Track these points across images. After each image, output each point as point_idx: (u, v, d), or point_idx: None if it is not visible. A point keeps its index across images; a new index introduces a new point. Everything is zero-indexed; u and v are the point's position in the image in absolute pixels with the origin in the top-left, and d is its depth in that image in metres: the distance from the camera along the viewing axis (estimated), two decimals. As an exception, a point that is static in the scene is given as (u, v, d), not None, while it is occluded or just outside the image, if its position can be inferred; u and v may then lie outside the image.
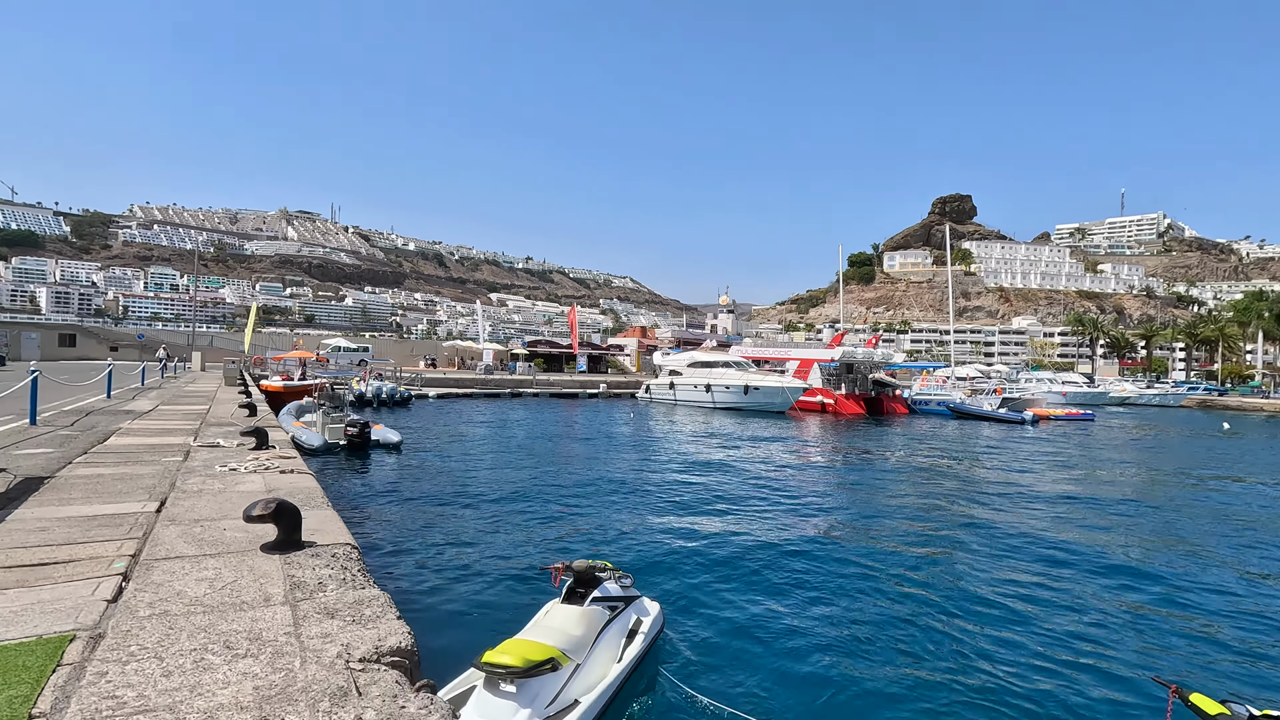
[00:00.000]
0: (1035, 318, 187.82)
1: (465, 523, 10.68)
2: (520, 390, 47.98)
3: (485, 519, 11.01)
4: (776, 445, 24.73)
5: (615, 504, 12.94)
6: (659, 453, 21.36)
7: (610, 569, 5.40)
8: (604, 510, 12.27)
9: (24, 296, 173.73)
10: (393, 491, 13.36)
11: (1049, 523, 12.29)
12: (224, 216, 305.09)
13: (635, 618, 5.41)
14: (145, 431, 10.14)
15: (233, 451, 8.37)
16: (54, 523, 4.65)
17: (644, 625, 5.40)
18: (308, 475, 6.92)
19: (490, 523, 10.78)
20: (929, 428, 34.03)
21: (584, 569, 5.07)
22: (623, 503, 13.09)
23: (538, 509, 12.09)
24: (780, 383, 38.75)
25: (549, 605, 5.09)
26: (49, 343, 48.20)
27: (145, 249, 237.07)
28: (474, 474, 16.00)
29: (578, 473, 16.70)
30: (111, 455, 7.76)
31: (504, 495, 13.25)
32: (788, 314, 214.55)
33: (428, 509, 11.73)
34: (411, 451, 19.70)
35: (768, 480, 16.40)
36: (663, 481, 15.78)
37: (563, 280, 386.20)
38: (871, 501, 14.20)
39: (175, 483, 6.22)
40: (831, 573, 8.75)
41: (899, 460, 21.46)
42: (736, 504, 13.17)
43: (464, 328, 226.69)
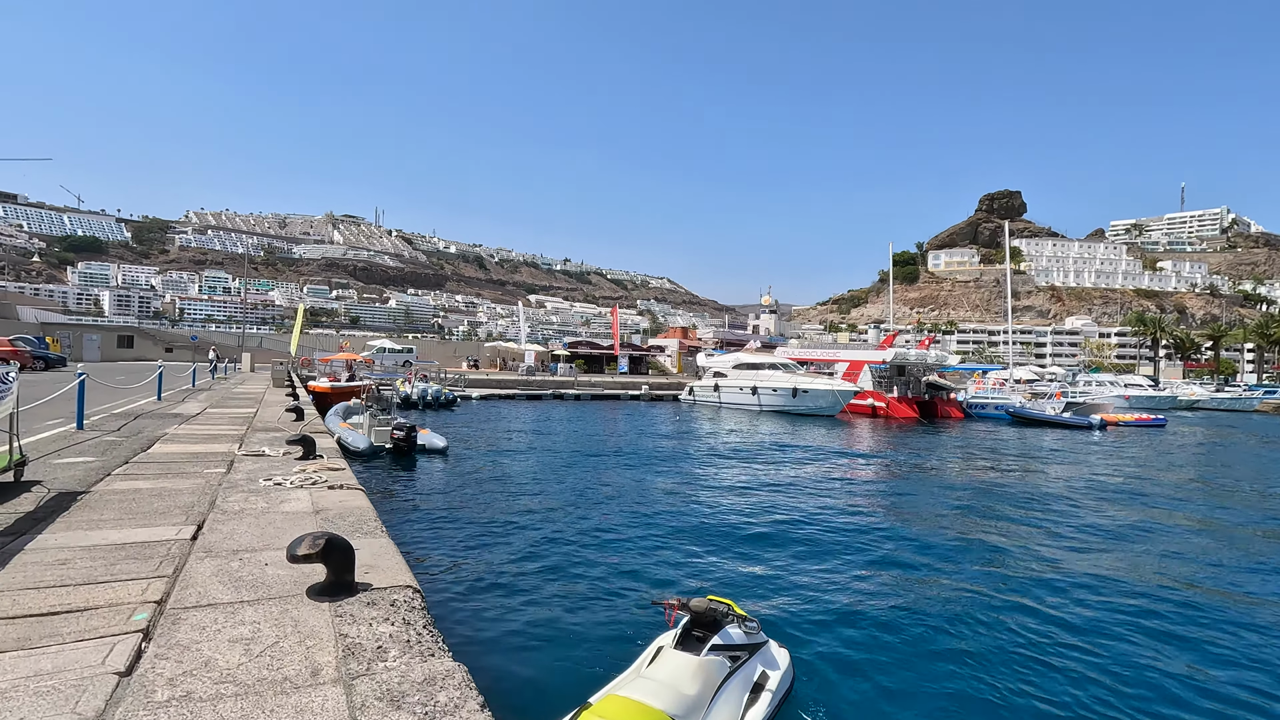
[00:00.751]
0: (1090, 318, 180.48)
1: (522, 541, 9.96)
2: (562, 392, 47.57)
3: (542, 537, 10.28)
4: (833, 452, 23.57)
5: (678, 517, 12.13)
6: (712, 460, 20.47)
7: (733, 609, 4.54)
8: (668, 525, 11.47)
9: (89, 299, 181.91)
10: (442, 502, 12.80)
11: (1160, 558, 11.02)
12: (273, 221, 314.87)
13: (760, 670, 4.56)
14: (190, 438, 9.74)
15: (278, 461, 7.83)
16: (77, 553, 4.07)
17: (771, 680, 4.54)
18: (358, 491, 6.29)
19: (549, 542, 10.05)
20: (988, 433, 32.29)
21: (703, 609, 4.27)
22: (686, 515, 12.27)
23: (595, 524, 11.35)
24: (830, 385, 37.38)
25: (658, 646, 4.33)
26: (108, 344, 49.80)
27: (200, 253, 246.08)
28: (524, 483, 15.38)
29: (632, 482, 15.94)
30: (152, 466, 7.28)
31: (557, 508, 12.56)
32: (828, 314, 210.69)
33: (480, 523, 11.10)
34: (458, 457, 19.24)
35: (835, 494, 15.37)
36: (724, 491, 14.91)
37: (600, 281, 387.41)
38: (951, 521, 13.08)
39: (215, 500, 5.64)
40: (942, 608, 7.77)
41: (966, 472, 20.11)
42: (813, 524, 12.22)
43: (503, 329, 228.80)
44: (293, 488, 6.32)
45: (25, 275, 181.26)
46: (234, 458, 8.00)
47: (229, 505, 5.48)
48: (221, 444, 9.19)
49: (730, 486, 15.70)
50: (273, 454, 8.29)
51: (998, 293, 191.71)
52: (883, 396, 39.60)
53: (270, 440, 9.66)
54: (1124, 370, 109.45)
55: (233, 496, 5.81)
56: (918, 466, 20.57)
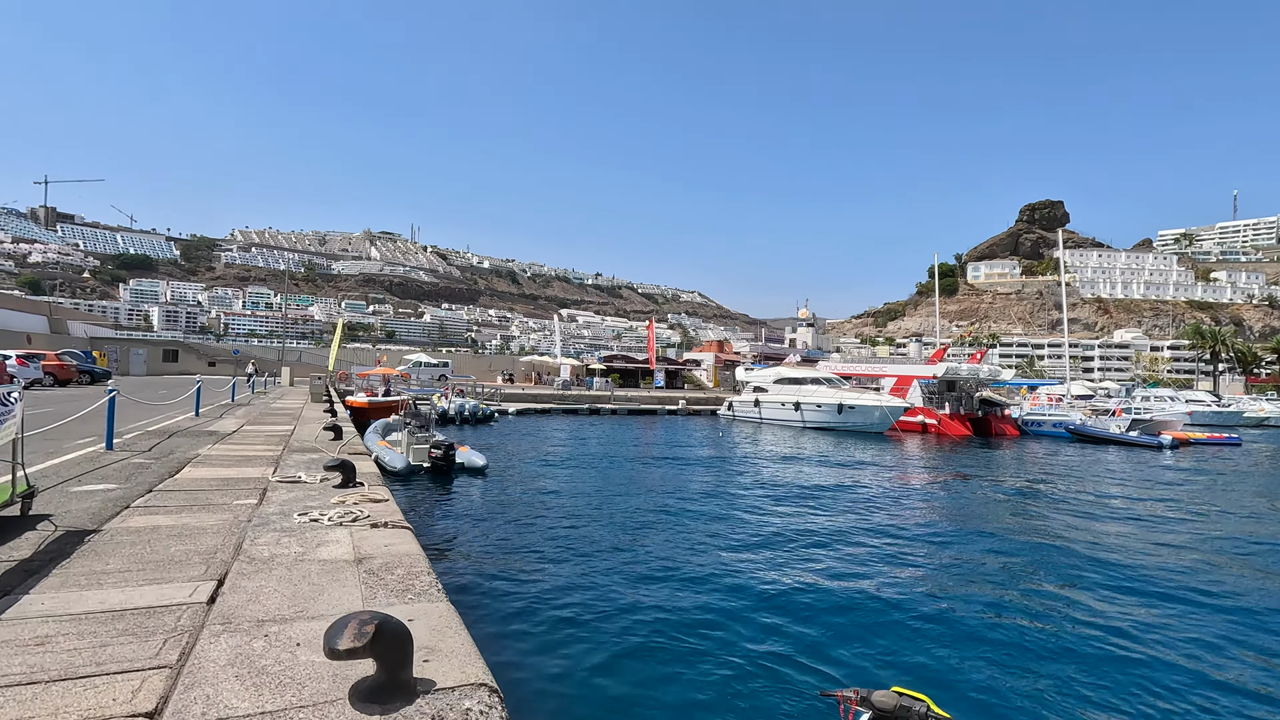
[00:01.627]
0: (1140, 330, 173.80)
1: (597, 591, 8.72)
2: (598, 407, 46.74)
3: (621, 584, 9.11)
4: (887, 473, 22.16)
5: (740, 547, 11.05)
6: (764, 483, 19.29)
7: (931, 708, 3.43)
8: (735, 560, 10.40)
9: (139, 315, 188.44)
10: (488, 534, 11.91)
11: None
12: (314, 238, 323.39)
13: None
14: (223, 460, 9.02)
15: (315, 489, 7.01)
16: (64, 625, 3.21)
17: None
18: (405, 531, 5.40)
19: (627, 589, 8.98)
20: (1048, 452, 30.37)
21: (893, 707, 3.24)
22: (748, 546, 11.19)
23: (658, 560, 10.32)
24: (878, 401, 35.78)
25: None
26: (154, 358, 50.69)
27: (244, 270, 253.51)
28: (569, 507, 14.44)
29: (685, 509, 14.88)
30: (178, 495, 6.51)
31: (611, 539, 11.58)
32: (864, 328, 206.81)
33: (531, 555, 10.17)
34: (498, 476, 18.42)
35: (898, 521, 14.09)
36: (787, 519, 13.76)
37: (631, 295, 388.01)
38: (1032, 557, 11.71)
39: (242, 543, 4.79)
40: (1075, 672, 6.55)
41: (1044, 495, 18.54)
42: (888, 561, 11.01)
43: (536, 343, 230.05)
44: (331, 525, 5.46)
45: (80, 292, 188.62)
46: (267, 484, 7.21)
47: (257, 550, 4.62)
48: (255, 467, 8.44)
49: (809, 530, 14.53)
50: (309, 480, 7.48)
51: (1040, 305, 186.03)
52: (933, 413, 37.79)
53: (307, 463, 8.90)
54: (1182, 385, 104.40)
55: (262, 538, 4.96)
56: (1005, 497, 19.05)
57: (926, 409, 37.84)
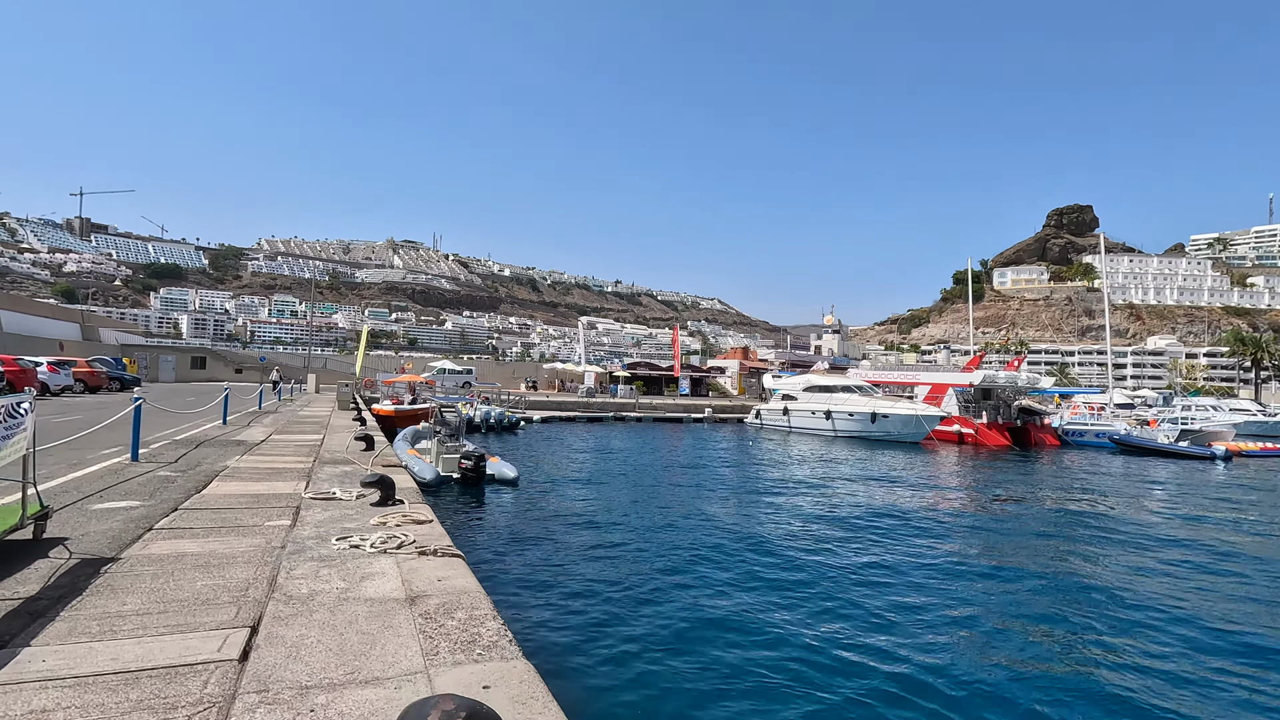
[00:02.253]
0: (1174, 337, 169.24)
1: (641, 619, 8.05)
2: (623, 414, 46.10)
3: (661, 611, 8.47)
4: (930, 489, 21.20)
5: (793, 569, 10.31)
6: (802, 498, 18.47)
7: None
8: (795, 582, 9.66)
9: (169, 323, 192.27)
10: (525, 549, 11.28)
11: None
12: (338, 247, 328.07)
13: None
14: (252, 473, 8.51)
15: (352, 508, 6.43)
16: (68, 690, 2.61)
17: None
18: (457, 561, 4.78)
19: (673, 614, 8.31)
20: (1093, 464, 29.04)
21: None
22: (801, 567, 10.44)
23: (712, 583, 9.61)
24: (914, 410, 34.67)
25: None
26: (182, 365, 51.14)
27: (270, 279, 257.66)
28: (608, 525, 13.76)
29: (722, 521, 14.15)
30: (205, 514, 5.96)
31: (658, 564, 10.89)
32: (887, 334, 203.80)
33: (579, 582, 9.49)
34: (529, 488, 17.83)
35: (957, 550, 13.21)
36: (837, 549, 12.97)
37: (651, 303, 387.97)
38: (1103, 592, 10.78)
39: (276, 576, 4.19)
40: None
41: (1103, 516, 17.46)
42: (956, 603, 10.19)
43: (556, 350, 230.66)
44: (374, 552, 4.85)
45: (113, 300, 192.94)
46: (300, 501, 6.65)
47: (294, 585, 4.01)
48: (286, 481, 7.90)
49: (861, 564, 13.72)
50: (345, 497, 6.91)
51: (1070, 311, 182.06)
52: (970, 422, 36.52)
53: (340, 477, 8.34)
54: (1222, 394, 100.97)
55: (299, 568, 4.36)
56: (1062, 520, 18.01)
57: (963, 418, 36.58)
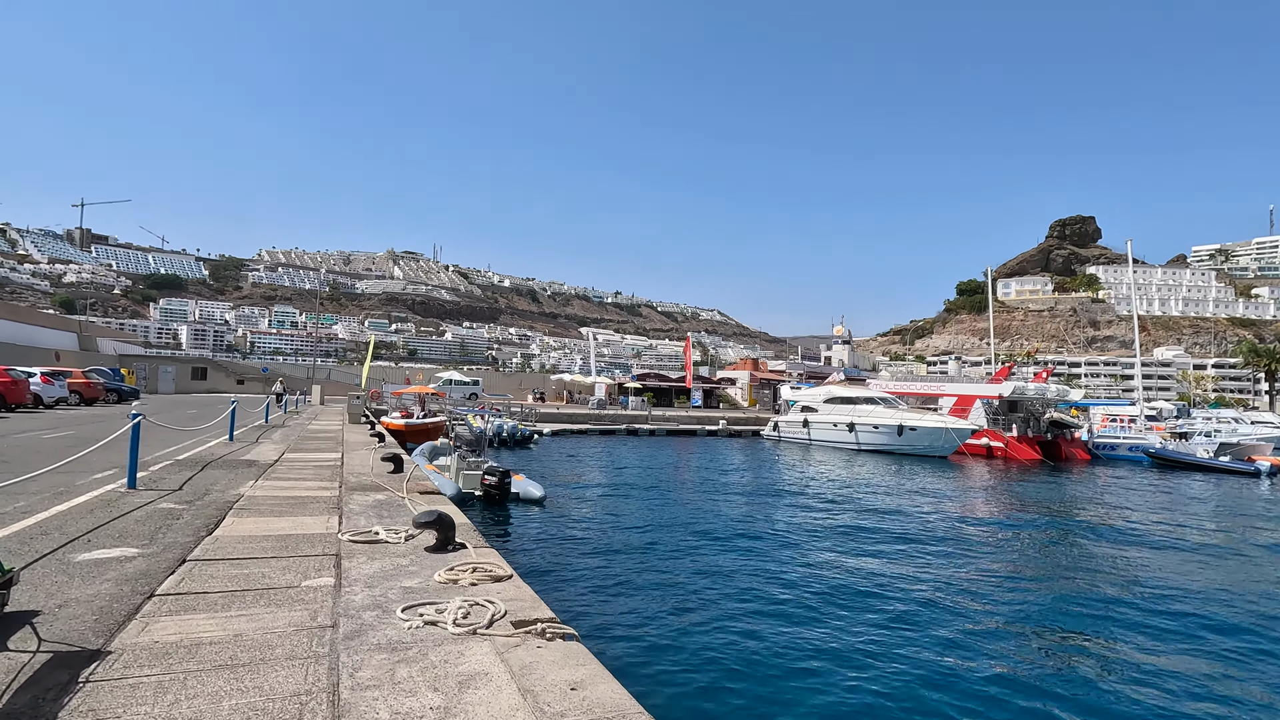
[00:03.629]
0: (1180, 348, 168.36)
1: (734, 661, 6.87)
2: (636, 427, 44.73)
3: (753, 652, 7.21)
4: (975, 505, 19.84)
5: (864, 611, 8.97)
6: (839, 516, 17.10)
7: None
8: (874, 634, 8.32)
9: (169, 334, 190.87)
10: (567, 582, 9.94)
11: None
12: (338, 258, 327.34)
13: None
14: (272, 504, 7.17)
15: (404, 554, 5.11)
16: None
17: None
18: (576, 645, 3.46)
19: (768, 655, 7.01)
20: (1129, 480, 27.72)
21: None
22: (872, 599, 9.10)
23: (775, 620, 8.28)
24: (943, 422, 33.32)
25: None
26: (183, 376, 49.76)
27: (270, 289, 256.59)
28: (645, 550, 12.42)
29: (777, 549, 12.80)
30: (222, 570, 4.63)
31: (714, 598, 9.55)
32: (890, 345, 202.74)
33: (654, 626, 8.17)
34: (556, 508, 16.47)
35: (1008, 579, 11.87)
36: (893, 574, 11.63)
37: (650, 314, 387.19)
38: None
39: (339, 688, 2.86)
40: None
41: (1160, 538, 16.11)
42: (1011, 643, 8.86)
43: (556, 361, 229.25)
44: (460, 631, 3.53)
45: (112, 311, 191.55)
46: (339, 546, 5.33)
47: (368, 706, 2.69)
48: (314, 515, 6.57)
49: (911, 592, 12.37)
50: (391, 538, 5.58)
51: (1075, 322, 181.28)
52: (1000, 435, 35.21)
53: (376, 509, 7.01)
54: (1230, 405, 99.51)
55: (366, 667, 3.04)
56: (1117, 543, 16.64)
57: (993, 431, 35.28)
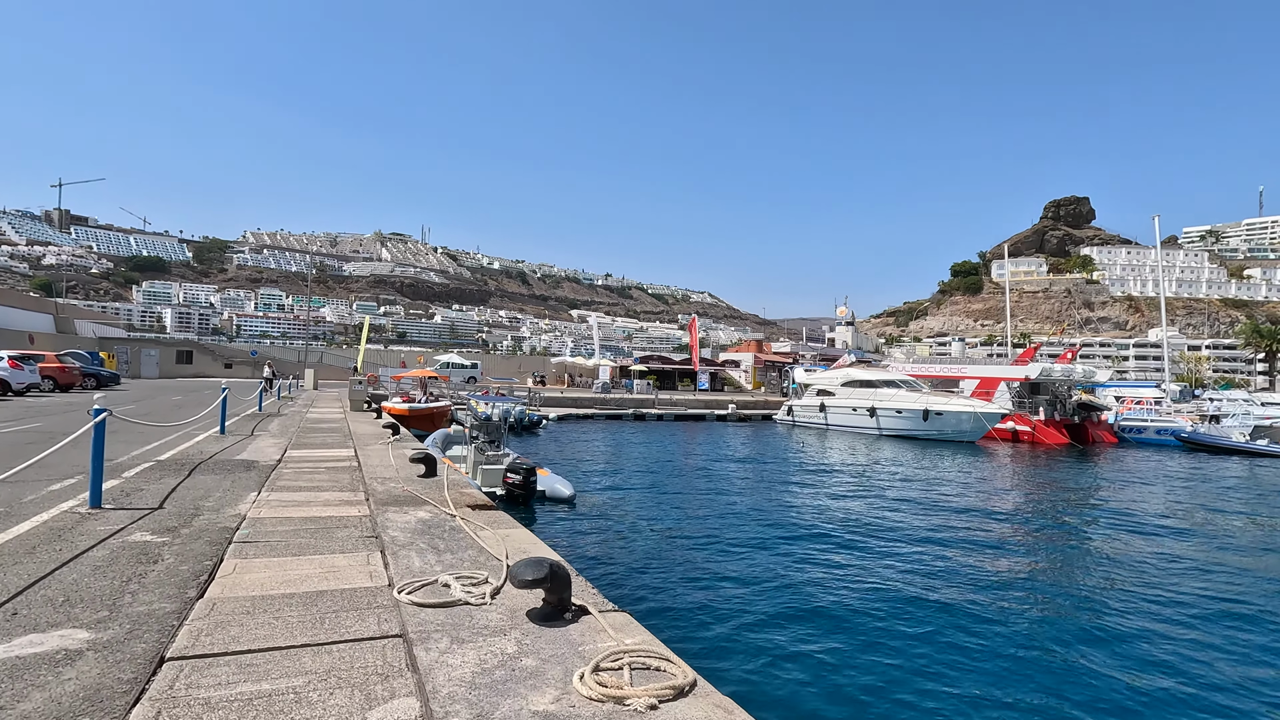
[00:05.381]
0: (1174, 329, 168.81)
1: None
2: (643, 411, 43.06)
3: None
4: (1014, 498, 18.35)
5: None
6: (913, 510, 15.54)
7: None
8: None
9: (152, 317, 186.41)
10: (646, 602, 8.25)
11: None
12: (325, 240, 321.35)
13: None
14: (285, 533, 5.39)
15: (502, 630, 3.38)
16: None
17: None
18: None
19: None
20: (1165, 464, 26.49)
21: None
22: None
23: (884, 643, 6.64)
24: (971, 406, 31.88)
25: None
26: (167, 359, 47.43)
27: (256, 272, 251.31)
28: (688, 549, 10.76)
29: (842, 556, 11.19)
30: (225, 684, 2.86)
31: (773, 603, 7.91)
32: (884, 327, 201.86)
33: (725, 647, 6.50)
34: (588, 507, 14.79)
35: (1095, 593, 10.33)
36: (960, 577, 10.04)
37: (641, 296, 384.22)
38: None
39: None
40: None
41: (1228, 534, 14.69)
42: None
43: (547, 343, 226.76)
44: None
45: (94, 294, 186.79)
46: (400, 615, 3.57)
47: None
48: (347, 550, 4.80)
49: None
50: (472, 597, 3.82)
51: (1069, 303, 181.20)
52: (1026, 419, 33.89)
53: (427, 535, 5.24)
54: (1236, 386, 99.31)
55: None
56: (1182, 538, 15.17)
57: (1020, 414, 33.93)
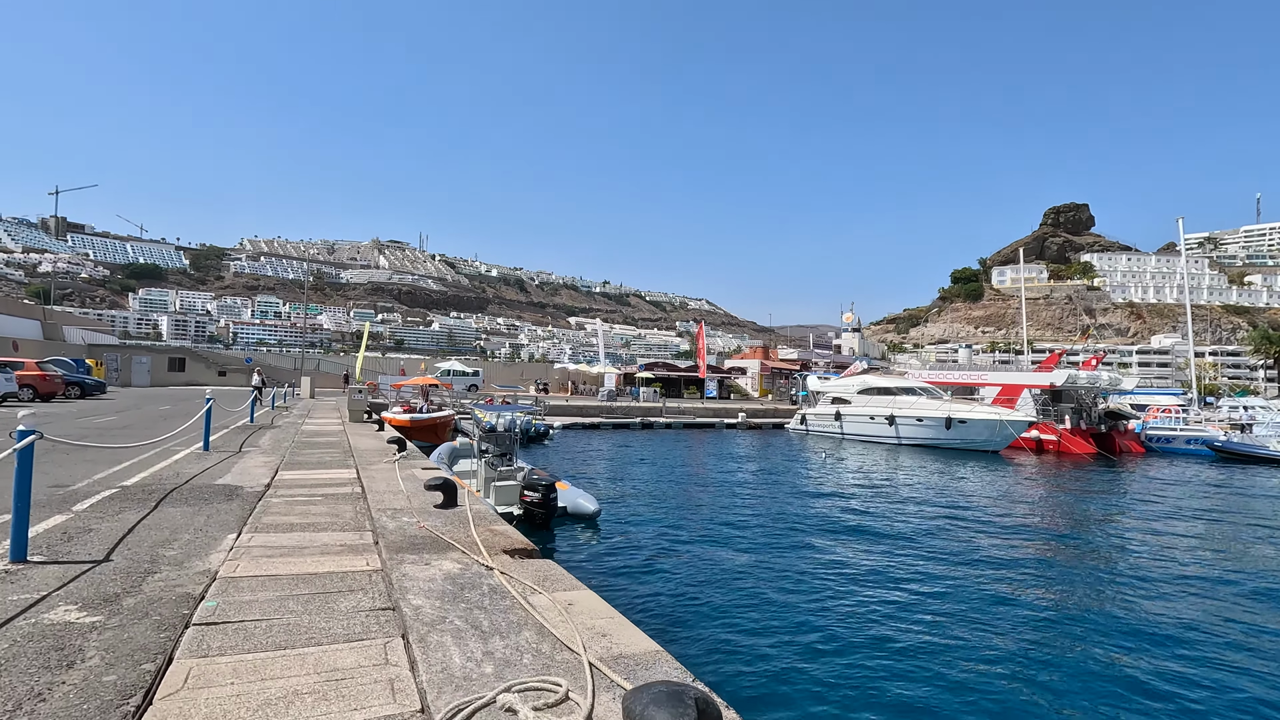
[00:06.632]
0: (1177, 335, 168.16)
1: None
2: (651, 420, 41.67)
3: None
4: (1073, 508, 17.00)
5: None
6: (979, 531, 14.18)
7: None
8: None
9: (148, 324, 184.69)
10: (702, 646, 6.87)
11: None
12: (322, 248, 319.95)
13: None
14: (267, 602, 4.00)
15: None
16: None
17: None
18: None
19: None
20: (1200, 476, 25.22)
21: None
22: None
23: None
24: (997, 414, 30.57)
25: None
26: (159, 366, 45.93)
27: (253, 279, 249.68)
28: (749, 584, 9.40)
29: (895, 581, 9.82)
30: None
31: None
32: (885, 334, 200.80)
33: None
34: (613, 527, 13.42)
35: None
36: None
37: (639, 303, 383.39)
38: None
39: None
40: None
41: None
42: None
43: (545, 350, 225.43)
44: None
45: (90, 301, 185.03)
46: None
47: None
48: (356, 642, 3.43)
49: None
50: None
51: (1070, 310, 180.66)
52: (1051, 428, 32.60)
53: (458, 602, 3.87)
54: (1255, 393, 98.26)
55: None
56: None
57: (1045, 423, 32.64)
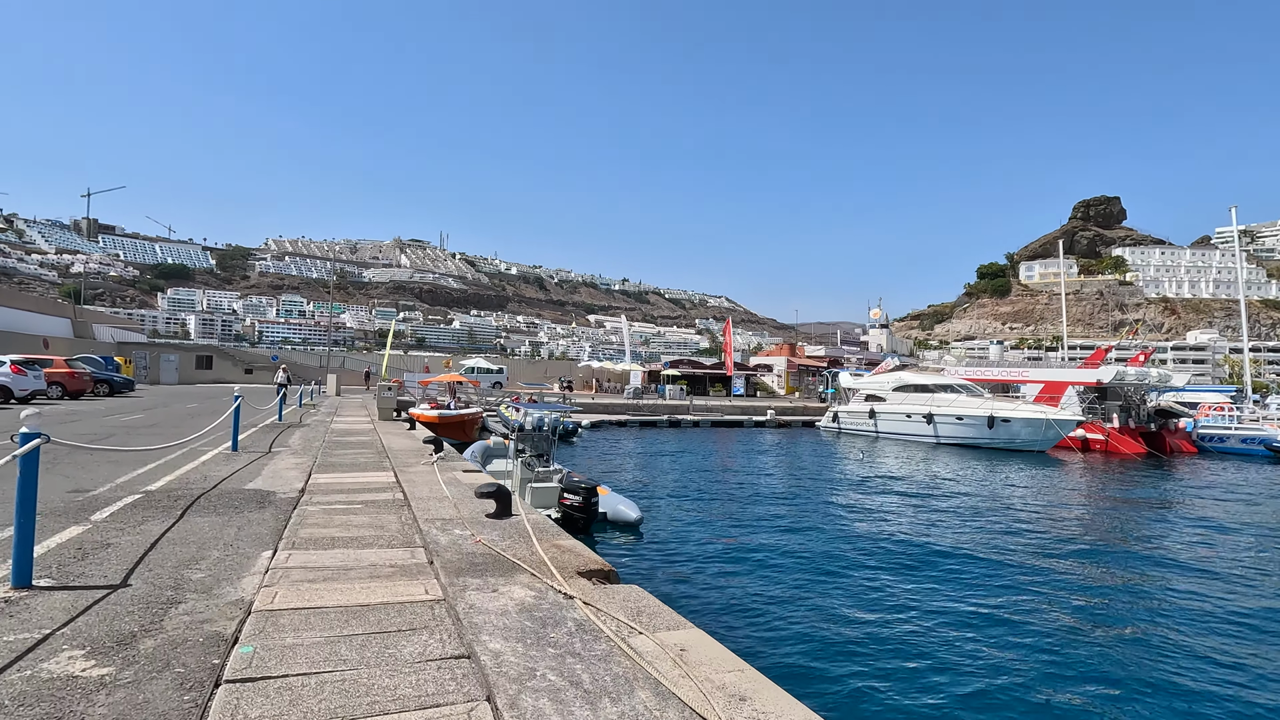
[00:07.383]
0: (1214, 331, 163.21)
1: None
2: (678, 418, 40.88)
3: None
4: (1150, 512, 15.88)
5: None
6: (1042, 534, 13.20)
7: None
8: None
9: (176, 323, 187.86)
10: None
11: None
12: (345, 247, 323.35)
13: None
14: (311, 647, 3.29)
15: None
16: None
17: None
18: None
19: None
20: (1264, 477, 23.82)
21: None
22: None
23: None
24: (1042, 413, 29.31)
25: None
26: (186, 365, 46.16)
27: (278, 279, 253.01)
28: (813, 594, 8.57)
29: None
30: None
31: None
32: (910, 330, 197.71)
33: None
34: (657, 534, 12.66)
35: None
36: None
37: (658, 301, 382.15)
38: None
39: None
40: None
41: None
42: None
43: (565, 348, 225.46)
44: None
45: (120, 301, 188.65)
46: None
47: None
48: (431, 710, 2.72)
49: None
50: None
51: (1101, 305, 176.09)
52: (1099, 426, 31.23)
53: (544, 642, 3.13)
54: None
55: None
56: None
57: (1093, 422, 31.27)
